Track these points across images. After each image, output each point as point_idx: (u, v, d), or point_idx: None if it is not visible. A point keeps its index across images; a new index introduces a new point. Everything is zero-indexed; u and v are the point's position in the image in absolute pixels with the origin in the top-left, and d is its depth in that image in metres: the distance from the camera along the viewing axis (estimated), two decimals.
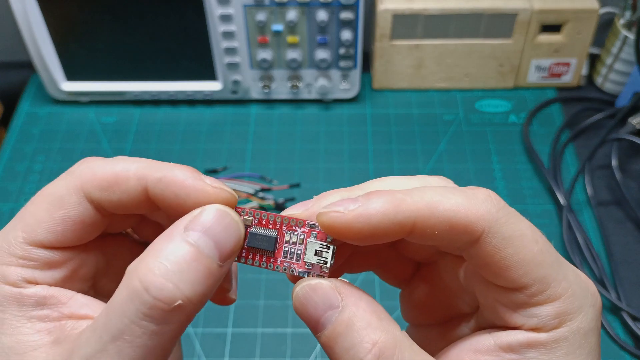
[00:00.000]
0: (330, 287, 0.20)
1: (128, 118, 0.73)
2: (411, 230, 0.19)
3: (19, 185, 0.67)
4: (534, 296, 0.19)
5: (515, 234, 0.19)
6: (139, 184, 0.21)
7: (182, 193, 0.20)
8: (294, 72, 0.70)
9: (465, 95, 0.75)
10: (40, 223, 0.21)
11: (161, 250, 0.18)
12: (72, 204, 0.21)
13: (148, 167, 0.21)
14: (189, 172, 0.21)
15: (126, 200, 0.21)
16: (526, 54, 0.71)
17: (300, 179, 0.67)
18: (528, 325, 0.19)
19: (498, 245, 0.19)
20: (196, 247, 0.18)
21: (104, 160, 0.21)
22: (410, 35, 0.70)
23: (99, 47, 0.69)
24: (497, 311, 0.20)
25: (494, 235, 0.19)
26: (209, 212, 0.19)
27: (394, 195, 0.19)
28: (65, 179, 0.21)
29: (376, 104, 0.74)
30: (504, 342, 0.20)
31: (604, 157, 0.68)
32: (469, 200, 0.19)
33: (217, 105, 0.74)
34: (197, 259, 0.18)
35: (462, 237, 0.19)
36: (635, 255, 0.61)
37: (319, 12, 0.65)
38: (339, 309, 0.19)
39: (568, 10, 0.67)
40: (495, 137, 0.70)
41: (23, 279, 0.20)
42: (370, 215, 0.19)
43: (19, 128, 0.73)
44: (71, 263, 0.21)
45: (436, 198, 0.19)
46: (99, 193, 0.21)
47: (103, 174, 0.21)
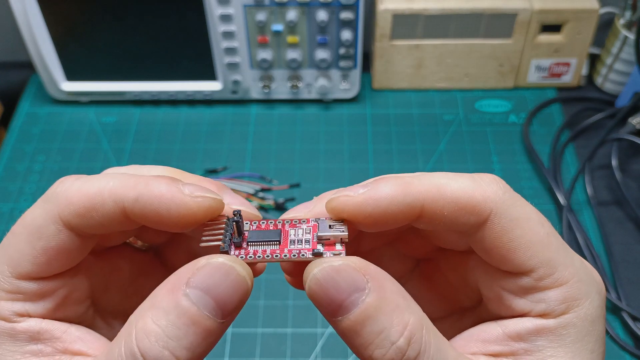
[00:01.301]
0: (355, 267, 0.18)
1: (128, 118, 0.73)
2: (420, 212, 0.19)
3: (19, 185, 0.67)
4: (541, 280, 0.19)
5: (523, 216, 0.19)
6: (116, 206, 0.20)
7: (162, 209, 0.19)
8: (294, 72, 0.70)
9: (465, 95, 0.75)
10: (23, 255, 0.20)
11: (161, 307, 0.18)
12: (51, 234, 0.20)
13: (122, 186, 0.20)
14: (165, 185, 0.20)
15: (107, 223, 0.20)
16: (526, 54, 0.71)
17: (300, 179, 0.67)
18: (536, 311, 0.19)
19: (506, 226, 0.19)
20: (196, 308, 0.18)
21: (79, 181, 0.20)
22: (410, 35, 0.70)
23: (99, 47, 0.69)
24: (503, 300, 0.20)
25: (501, 216, 0.19)
26: (212, 267, 0.18)
27: (402, 179, 0.19)
28: (43, 207, 0.20)
29: (376, 104, 0.74)
30: (512, 331, 0.19)
31: (604, 157, 0.68)
32: (476, 182, 0.20)
33: (217, 105, 0.74)
34: (196, 323, 0.18)
35: (470, 218, 0.19)
36: (635, 255, 0.61)
37: (319, 12, 0.65)
38: (366, 290, 0.18)
39: (568, 10, 0.67)
40: (495, 137, 0.70)
41: (14, 313, 0.20)
42: (379, 197, 0.19)
43: (19, 128, 0.73)
44: (62, 290, 0.21)
45: (444, 181, 0.19)
46: (77, 220, 0.20)
47: (78, 200, 0.20)
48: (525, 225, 0.19)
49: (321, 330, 0.56)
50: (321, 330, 0.56)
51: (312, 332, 0.56)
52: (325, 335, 0.55)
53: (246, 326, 0.56)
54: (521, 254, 0.19)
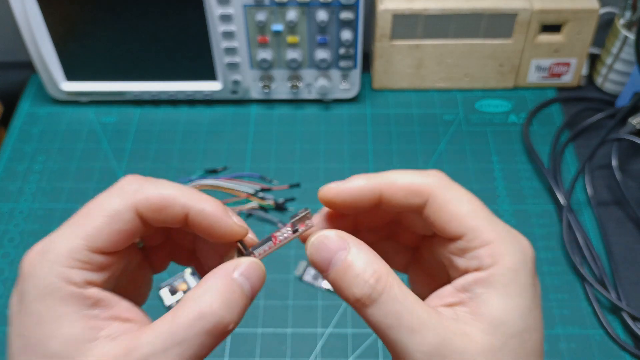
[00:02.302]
0: (338, 235, 0.26)
1: (128, 118, 0.73)
2: (379, 197, 0.27)
3: (19, 185, 0.67)
4: (471, 241, 0.25)
5: (455, 197, 0.26)
6: (182, 211, 0.26)
7: (215, 225, 0.26)
8: (294, 72, 0.70)
9: (465, 95, 0.75)
10: (100, 233, 0.25)
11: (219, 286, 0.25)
12: (127, 220, 0.25)
13: (191, 198, 0.26)
14: (221, 208, 0.27)
15: (169, 221, 0.26)
16: (526, 54, 0.71)
17: (300, 179, 0.67)
18: (472, 267, 0.25)
19: (441, 203, 0.26)
20: (241, 288, 0.25)
21: (152, 182, 0.26)
22: (410, 35, 0.70)
23: (99, 47, 0.69)
24: (452, 263, 0.26)
25: (437, 196, 0.26)
26: (251, 263, 0.26)
27: (367, 175, 0.27)
28: (120, 196, 0.25)
29: (376, 104, 0.74)
30: (459, 285, 0.26)
31: (604, 157, 0.68)
32: (420, 175, 0.27)
33: (217, 105, 0.74)
34: (240, 296, 0.25)
35: (415, 199, 0.26)
36: (635, 255, 0.61)
37: (319, 12, 0.65)
38: (347, 249, 0.25)
39: (568, 10, 0.67)
40: (495, 137, 0.70)
41: (83, 281, 0.24)
42: (351, 186, 0.27)
43: (19, 128, 0.73)
44: (113, 267, 0.26)
45: (396, 175, 0.27)
46: (149, 214, 0.26)
47: (154, 199, 0.26)
48: (457, 202, 0.26)
49: (321, 330, 0.56)
50: (321, 330, 0.56)
51: (312, 332, 0.56)
52: (325, 335, 0.55)
53: (246, 326, 0.56)
54: (454, 223, 0.26)
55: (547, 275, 0.59)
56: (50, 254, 0.24)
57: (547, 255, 0.61)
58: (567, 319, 0.56)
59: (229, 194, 0.65)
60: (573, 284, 0.59)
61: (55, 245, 0.24)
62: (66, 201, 0.65)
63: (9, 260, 0.61)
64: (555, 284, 0.58)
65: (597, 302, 0.57)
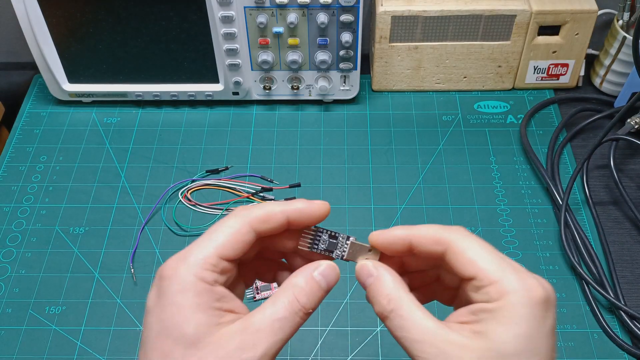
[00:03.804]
0: (371, 264, 0.34)
1: (130, 118, 0.74)
2: (410, 244, 0.33)
3: (21, 185, 0.67)
4: (481, 280, 0.31)
5: (468, 246, 0.32)
6: (283, 215, 0.33)
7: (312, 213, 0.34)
8: (294, 74, 0.71)
9: (463, 96, 0.75)
10: (227, 243, 0.32)
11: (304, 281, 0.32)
12: (245, 232, 0.32)
13: (286, 205, 0.34)
14: (306, 201, 0.34)
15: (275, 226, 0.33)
16: (524, 56, 0.72)
17: (301, 179, 0.67)
18: (482, 300, 0.30)
19: (457, 251, 0.32)
20: (319, 283, 0.33)
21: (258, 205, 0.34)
22: (409, 37, 0.71)
23: (101, 49, 0.69)
24: (469, 296, 0.32)
25: (454, 245, 0.32)
26: (328, 266, 0.33)
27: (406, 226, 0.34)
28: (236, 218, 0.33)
29: (376, 105, 0.75)
30: (471, 309, 0.31)
31: (602, 157, 0.68)
32: (443, 228, 0.33)
33: (218, 106, 0.75)
34: (319, 290, 0.32)
35: (436, 247, 0.32)
36: (633, 254, 0.61)
37: (319, 14, 0.65)
38: (374, 276, 0.33)
39: (566, 11, 0.68)
40: (494, 137, 0.71)
41: (214, 280, 0.31)
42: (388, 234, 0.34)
43: (22, 128, 0.73)
44: (232, 271, 0.33)
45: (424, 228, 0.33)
46: (259, 224, 0.33)
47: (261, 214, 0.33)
48: (470, 250, 0.31)
49: (322, 328, 0.56)
50: (322, 328, 0.56)
51: (313, 330, 0.56)
52: (325, 333, 0.56)
53: None
54: (468, 267, 0.31)
55: (545, 274, 0.60)
56: (190, 259, 0.31)
57: (545, 255, 0.61)
58: (565, 317, 0.57)
59: (230, 193, 0.66)
60: (571, 283, 0.59)
61: (193, 252, 0.31)
62: (68, 201, 0.66)
63: (11, 259, 0.61)
64: (553, 283, 0.59)
65: (595, 301, 0.57)
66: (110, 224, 0.64)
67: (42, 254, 0.62)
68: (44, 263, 0.61)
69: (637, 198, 0.65)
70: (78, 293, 0.59)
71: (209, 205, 0.65)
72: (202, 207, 0.65)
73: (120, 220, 0.64)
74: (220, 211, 0.64)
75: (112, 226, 0.64)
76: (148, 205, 0.65)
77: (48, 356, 0.55)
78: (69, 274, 0.60)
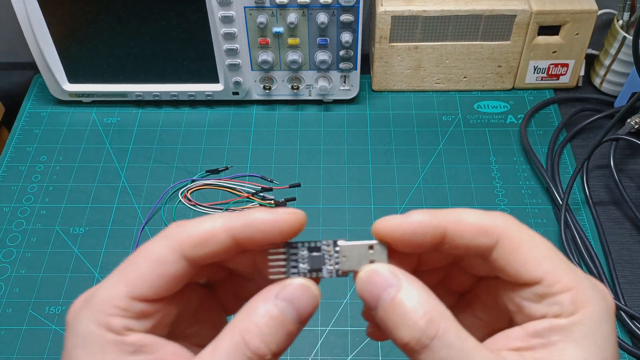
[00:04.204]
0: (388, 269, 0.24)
1: (130, 118, 0.74)
2: (443, 236, 0.24)
3: (21, 185, 0.67)
4: (551, 286, 0.23)
5: (527, 237, 0.24)
6: (227, 235, 0.24)
7: (267, 228, 0.24)
8: (294, 74, 0.71)
9: (463, 96, 0.75)
10: (142, 280, 0.24)
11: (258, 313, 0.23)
12: (170, 262, 0.24)
13: (231, 219, 0.24)
14: (263, 211, 0.25)
15: (217, 251, 0.24)
16: (524, 56, 0.72)
17: (300, 179, 0.67)
18: (551, 313, 0.23)
19: (514, 245, 0.24)
20: (283, 315, 0.23)
21: (194, 221, 0.25)
22: (409, 37, 0.71)
23: (101, 48, 0.69)
24: (524, 309, 0.24)
25: (509, 237, 0.24)
26: (295, 286, 0.24)
27: (430, 210, 0.25)
28: (163, 242, 0.24)
29: (376, 105, 0.75)
30: (532, 330, 0.23)
31: (602, 157, 0.68)
32: (488, 214, 0.25)
33: (218, 106, 0.75)
34: (282, 325, 0.23)
35: (483, 240, 0.24)
36: (633, 254, 0.61)
37: (319, 14, 0.65)
38: (396, 286, 0.23)
39: (566, 11, 0.68)
40: (494, 137, 0.71)
41: (124, 328, 0.23)
42: (411, 222, 0.24)
43: (22, 128, 0.73)
44: (160, 313, 0.25)
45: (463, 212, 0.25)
46: (194, 250, 0.24)
47: (196, 233, 0.24)
48: (530, 243, 0.24)
49: (322, 329, 0.56)
50: (322, 329, 0.56)
51: (313, 330, 0.56)
52: (325, 333, 0.56)
53: None
54: (530, 266, 0.23)
55: None
56: (93, 302, 0.24)
57: None
58: None
59: (230, 193, 0.66)
60: None
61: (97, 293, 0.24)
62: (68, 201, 0.66)
63: (11, 259, 0.61)
64: None
65: None
66: (110, 224, 0.64)
67: (42, 254, 0.62)
68: (44, 263, 0.61)
69: (637, 198, 0.65)
70: (78, 293, 0.59)
71: (209, 206, 0.65)
72: (202, 207, 0.65)
73: (120, 220, 0.64)
74: (220, 211, 0.64)
75: (112, 226, 0.64)
76: (148, 205, 0.65)
77: (48, 356, 0.55)
78: (69, 274, 0.60)
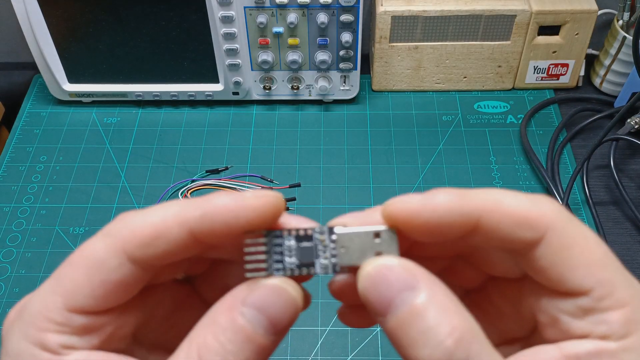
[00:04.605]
0: (407, 267, 0.19)
1: (130, 118, 0.74)
2: (476, 224, 0.19)
3: (21, 185, 0.67)
4: (601, 300, 0.18)
5: (580, 234, 0.19)
6: (182, 229, 0.20)
7: (230, 218, 0.19)
8: (294, 74, 0.71)
9: (464, 96, 0.75)
10: (80, 288, 0.19)
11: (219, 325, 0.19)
12: (112, 268, 0.20)
13: (185, 208, 0.20)
14: (227, 196, 0.20)
15: (172, 250, 0.20)
16: (524, 56, 0.72)
17: (301, 179, 0.67)
18: (596, 333, 0.18)
19: (564, 243, 0.19)
20: (251, 326, 0.19)
21: (141, 213, 0.20)
22: (409, 37, 0.71)
23: (101, 48, 0.69)
24: (560, 324, 0.19)
25: (559, 233, 0.19)
26: (266, 289, 0.19)
27: (460, 191, 0.20)
28: (104, 240, 0.20)
29: (376, 105, 0.75)
30: (570, 352, 0.19)
31: (602, 157, 0.68)
32: (532, 199, 0.20)
33: (218, 106, 0.75)
34: (250, 339, 0.19)
35: (527, 233, 0.19)
36: (633, 254, 0.61)
37: (319, 14, 0.65)
38: (416, 290, 0.18)
39: (566, 11, 0.68)
40: (494, 137, 0.71)
41: (61, 346, 0.19)
42: (436, 204, 0.19)
43: (22, 128, 0.73)
44: (110, 327, 0.20)
45: (501, 195, 0.20)
46: (142, 251, 0.20)
47: (143, 230, 0.20)
48: (583, 243, 0.19)
49: (322, 329, 0.56)
50: (322, 329, 0.56)
51: (313, 330, 0.56)
52: (325, 333, 0.56)
53: None
54: (580, 273, 0.19)
55: None
56: (25, 314, 0.20)
57: None
58: None
59: None
60: None
61: (31, 304, 0.20)
62: (68, 201, 0.66)
63: (11, 259, 0.61)
64: None
65: None
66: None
67: (42, 254, 0.62)
68: (44, 263, 0.61)
69: (637, 198, 0.65)
70: None
71: None
72: None
73: None
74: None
75: None
76: (148, 206, 0.65)
77: None
78: None
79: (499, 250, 0.22)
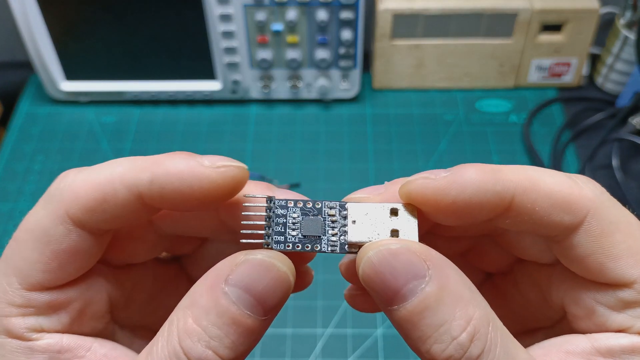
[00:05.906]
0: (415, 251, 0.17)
1: (127, 118, 0.73)
2: (509, 204, 0.17)
3: (18, 185, 0.67)
4: None
5: (623, 220, 0.18)
6: (130, 192, 0.18)
7: (183, 187, 0.18)
8: (294, 72, 0.70)
9: (465, 95, 0.75)
10: (31, 264, 0.18)
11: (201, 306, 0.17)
12: (60, 236, 0.18)
13: (133, 169, 0.18)
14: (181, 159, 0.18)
15: (122, 214, 0.18)
16: (526, 54, 0.71)
17: (300, 178, 0.67)
18: (636, 328, 0.17)
19: (605, 229, 0.17)
20: (236, 307, 0.17)
21: (83, 172, 0.18)
22: (411, 35, 0.70)
23: (98, 46, 0.69)
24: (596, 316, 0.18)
25: (600, 218, 0.17)
26: (252, 264, 0.17)
27: (491, 166, 0.18)
28: (46, 207, 0.18)
29: (376, 104, 0.74)
30: (603, 346, 0.17)
31: (605, 157, 0.68)
32: (572, 179, 0.18)
33: (217, 105, 0.74)
34: (236, 322, 0.17)
35: (565, 217, 0.17)
36: None
37: (318, 11, 0.64)
38: (426, 278, 0.16)
39: (569, 10, 0.67)
40: (496, 137, 0.70)
41: (28, 329, 0.18)
42: (465, 181, 0.17)
43: (19, 128, 0.73)
44: (78, 302, 0.19)
45: (538, 174, 0.18)
46: (87, 215, 0.18)
47: (86, 193, 0.18)
48: (627, 230, 0.17)
49: (321, 331, 0.56)
50: (321, 331, 0.56)
51: (312, 333, 0.55)
52: (325, 336, 0.55)
53: None
54: (623, 262, 0.17)
55: None
56: None
57: None
58: None
59: None
60: None
61: None
62: None
63: None
64: None
65: None
66: None
67: None
68: None
69: None
70: None
71: None
72: None
73: None
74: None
75: None
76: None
77: None
78: None
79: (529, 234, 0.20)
